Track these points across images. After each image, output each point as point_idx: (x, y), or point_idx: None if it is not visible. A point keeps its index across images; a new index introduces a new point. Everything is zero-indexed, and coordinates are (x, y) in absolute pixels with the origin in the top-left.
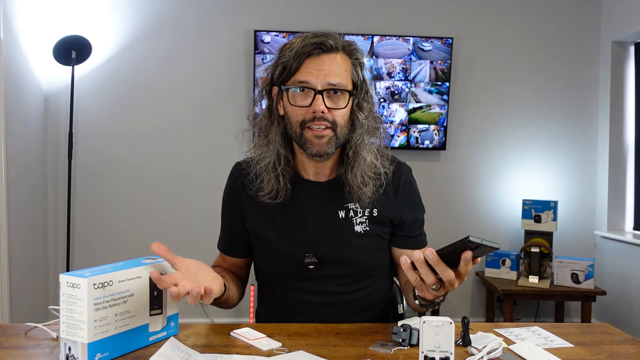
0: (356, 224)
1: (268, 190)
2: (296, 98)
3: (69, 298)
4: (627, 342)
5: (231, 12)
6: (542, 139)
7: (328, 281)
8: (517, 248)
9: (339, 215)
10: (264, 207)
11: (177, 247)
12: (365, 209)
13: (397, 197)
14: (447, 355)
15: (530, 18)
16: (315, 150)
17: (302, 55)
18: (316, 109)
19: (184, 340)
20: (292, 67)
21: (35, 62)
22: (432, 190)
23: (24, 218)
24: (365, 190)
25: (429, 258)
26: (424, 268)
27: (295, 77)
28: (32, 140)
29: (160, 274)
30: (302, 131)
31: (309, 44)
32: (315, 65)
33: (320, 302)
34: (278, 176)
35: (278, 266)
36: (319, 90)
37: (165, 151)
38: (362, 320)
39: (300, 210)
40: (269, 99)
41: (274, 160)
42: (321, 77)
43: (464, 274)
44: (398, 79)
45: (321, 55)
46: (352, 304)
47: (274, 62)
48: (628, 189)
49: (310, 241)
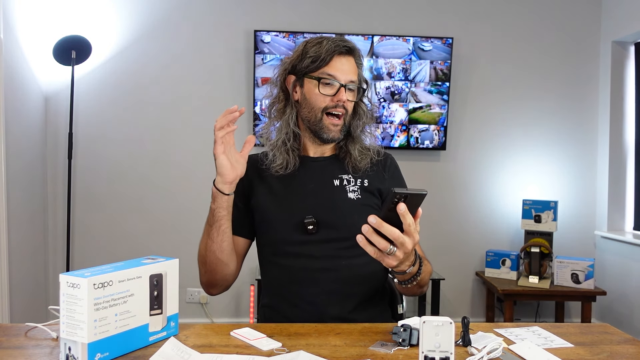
0: (349, 191)
1: (279, 162)
2: (324, 87)
3: (69, 298)
4: (627, 342)
5: (231, 12)
6: (542, 138)
7: (327, 245)
8: (517, 248)
9: (334, 184)
10: (268, 182)
11: (177, 247)
12: (357, 179)
13: (385, 173)
14: (447, 355)
15: (530, 18)
16: (330, 135)
17: (333, 52)
18: (340, 98)
19: (184, 340)
20: (323, 62)
21: (35, 62)
22: (432, 190)
23: (24, 218)
24: (362, 159)
25: (373, 223)
26: (374, 236)
27: (324, 69)
28: (32, 140)
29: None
30: (322, 116)
31: (340, 45)
32: (341, 63)
33: (321, 267)
34: (288, 150)
35: (281, 233)
36: (342, 84)
37: (165, 151)
38: (362, 292)
39: (300, 182)
40: (283, 85)
41: (284, 137)
42: (344, 74)
43: (410, 230)
44: (398, 79)
45: (345, 56)
46: (351, 271)
47: (297, 55)
48: (628, 189)
49: (309, 207)
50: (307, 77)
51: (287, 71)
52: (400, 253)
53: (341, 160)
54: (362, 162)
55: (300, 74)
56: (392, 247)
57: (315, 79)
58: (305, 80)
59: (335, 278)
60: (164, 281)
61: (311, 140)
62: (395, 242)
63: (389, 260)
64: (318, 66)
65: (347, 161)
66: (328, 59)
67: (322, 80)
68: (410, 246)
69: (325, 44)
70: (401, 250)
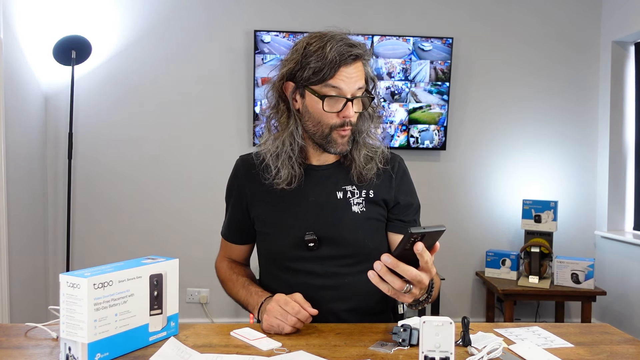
0: (353, 204)
1: (284, 177)
2: (329, 103)
3: (69, 298)
4: (627, 342)
5: (231, 12)
6: (542, 138)
7: (328, 262)
8: (517, 248)
9: (337, 196)
10: (268, 193)
11: (177, 247)
12: (362, 190)
13: (392, 181)
14: (447, 355)
15: (530, 18)
16: (339, 149)
17: (339, 64)
18: (346, 115)
19: (184, 340)
20: (327, 75)
21: (35, 62)
22: (432, 190)
23: (24, 218)
24: (368, 167)
25: (388, 263)
26: (388, 276)
27: (328, 82)
28: (32, 140)
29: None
30: (330, 132)
31: (345, 54)
32: (347, 73)
33: (322, 285)
34: (293, 164)
35: (280, 248)
36: (349, 98)
37: (165, 151)
38: (363, 306)
39: (302, 194)
40: (280, 92)
41: (289, 151)
42: (351, 84)
43: (427, 267)
44: (398, 79)
45: (352, 63)
46: (353, 288)
47: (296, 62)
48: (628, 189)
49: (310, 221)
50: (308, 90)
51: (285, 77)
52: (416, 290)
53: (346, 168)
54: (367, 170)
55: (301, 84)
56: (408, 286)
57: (319, 96)
58: (306, 92)
59: (337, 296)
60: (164, 281)
61: (314, 149)
62: (412, 281)
63: (404, 298)
64: (322, 79)
65: (352, 170)
66: (333, 72)
67: (327, 97)
68: (427, 282)
69: (329, 53)
70: (417, 287)
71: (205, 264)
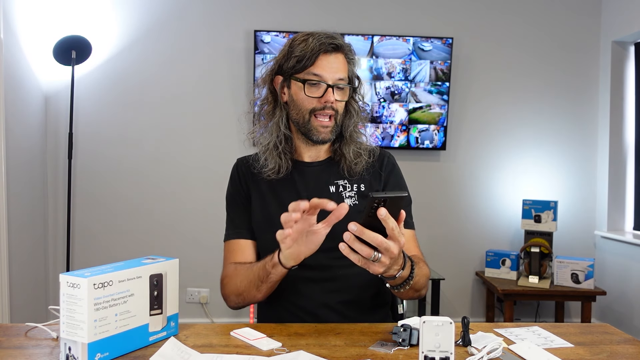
0: (346, 197)
1: (271, 167)
2: (310, 89)
3: (69, 298)
4: (627, 342)
5: (231, 12)
6: (542, 139)
7: (322, 254)
8: (517, 248)
9: (330, 190)
10: (264, 189)
11: (177, 247)
12: (354, 184)
13: (381, 174)
14: (447, 355)
15: (530, 18)
16: (321, 137)
17: (319, 51)
18: (327, 100)
19: (184, 340)
20: (308, 61)
21: (35, 62)
22: (431, 190)
23: (24, 218)
24: (358, 161)
25: (354, 230)
26: (356, 244)
27: (310, 69)
28: (32, 140)
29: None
30: (310, 118)
31: (325, 43)
32: (327, 62)
33: (317, 278)
34: (280, 154)
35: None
36: (330, 84)
37: (165, 151)
38: (358, 299)
39: (295, 189)
40: (270, 86)
41: (275, 141)
42: (332, 72)
43: (394, 235)
44: (398, 79)
45: (333, 53)
46: (347, 280)
47: (283, 54)
48: (628, 189)
49: None
50: (293, 79)
51: (274, 71)
52: (385, 259)
53: (336, 163)
54: (357, 164)
55: (287, 75)
56: (376, 254)
57: (301, 81)
58: (292, 81)
59: (332, 288)
60: (164, 281)
61: (304, 142)
62: (379, 248)
63: (375, 267)
64: (304, 66)
65: (342, 164)
66: (314, 59)
67: (308, 82)
68: (395, 250)
69: (311, 42)
70: (386, 256)
71: (205, 264)
